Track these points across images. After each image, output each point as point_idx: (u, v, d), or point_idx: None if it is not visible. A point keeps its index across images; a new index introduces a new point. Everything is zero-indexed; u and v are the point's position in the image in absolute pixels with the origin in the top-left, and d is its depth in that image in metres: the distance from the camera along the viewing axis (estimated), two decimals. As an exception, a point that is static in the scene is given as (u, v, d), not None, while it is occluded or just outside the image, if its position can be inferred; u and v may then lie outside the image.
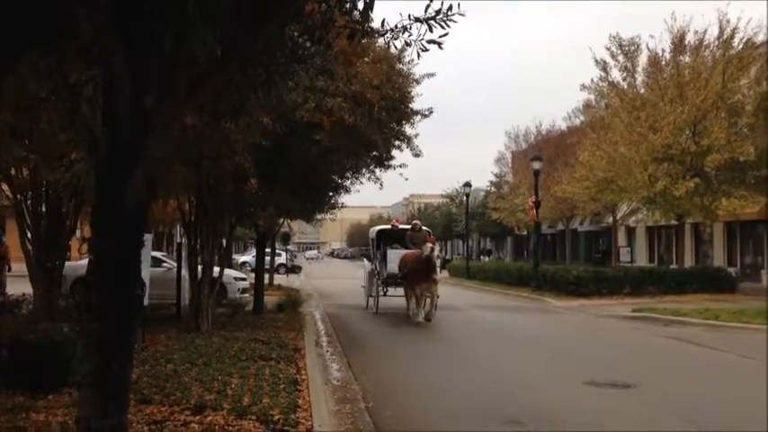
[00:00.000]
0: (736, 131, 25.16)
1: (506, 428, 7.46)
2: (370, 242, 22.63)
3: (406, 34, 5.13)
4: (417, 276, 16.52)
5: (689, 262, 32.71)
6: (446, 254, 56.19)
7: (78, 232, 15.97)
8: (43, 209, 13.32)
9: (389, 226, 21.65)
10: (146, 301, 10.44)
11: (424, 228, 20.33)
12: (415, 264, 16.63)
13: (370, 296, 20.22)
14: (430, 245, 16.57)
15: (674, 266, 31.97)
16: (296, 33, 5.37)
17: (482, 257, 55.13)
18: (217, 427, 6.52)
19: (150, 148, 3.93)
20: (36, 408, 6.93)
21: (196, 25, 3.67)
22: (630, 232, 41.78)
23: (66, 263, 14.13)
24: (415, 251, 17.13)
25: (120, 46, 3.88)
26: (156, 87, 3.95)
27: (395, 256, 18.43)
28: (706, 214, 27.16)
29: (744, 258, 32.75)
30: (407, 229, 19.71)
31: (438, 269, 16.41)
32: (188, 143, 9.88)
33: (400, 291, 18.83)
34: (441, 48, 5.14)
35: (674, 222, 29.81)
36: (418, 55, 5.21)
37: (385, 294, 19.65)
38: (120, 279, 3.92)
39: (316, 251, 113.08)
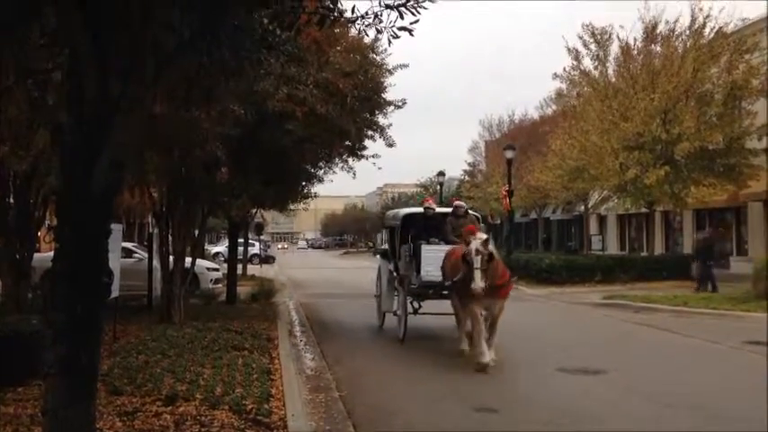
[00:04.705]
0: (705, 120, 25.46)
1: (479, 414, 7.52)
2: (387, 233, 15.87)
3: (377, 21, 5.09)
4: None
5: (659, 249, 33.10)
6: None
7: (47, 223, 15.73)
8: (11, 200, 13.07)
9: (421, 209, 14.05)
10: (116, 293, 10.31)
11: (471, 212, 13.80)
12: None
13: (392, 312, 13.70)
14: (474, 237, 10.24)
15: (644, 254, 32.35)
16: (266, 20, 5.31)
17: None
18: (189, 418, 6.48)
19: (116, 133, 3.86)
20: (5, 400, 6.86)
21: (163, 6, 3.62)
22: (602, 220, 42.19)
23: (35, 254, 13.91)
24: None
25: (84, 28, 3.80)
26: (121, 71, 3.88)
27: (433, 254, 12.14)
28: (676, 202, 27.49)
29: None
30: (448, 214, 13.11)
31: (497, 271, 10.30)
32: (158, 131, 9.78)
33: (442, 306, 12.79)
34: (411, 34, 5.10)
35: (644, 210, 30.14)
36: (389, 42, 5.17)
37: (415, 312, 13.31)
38: (87, 267, 3.86)
39: (304, 242, 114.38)
